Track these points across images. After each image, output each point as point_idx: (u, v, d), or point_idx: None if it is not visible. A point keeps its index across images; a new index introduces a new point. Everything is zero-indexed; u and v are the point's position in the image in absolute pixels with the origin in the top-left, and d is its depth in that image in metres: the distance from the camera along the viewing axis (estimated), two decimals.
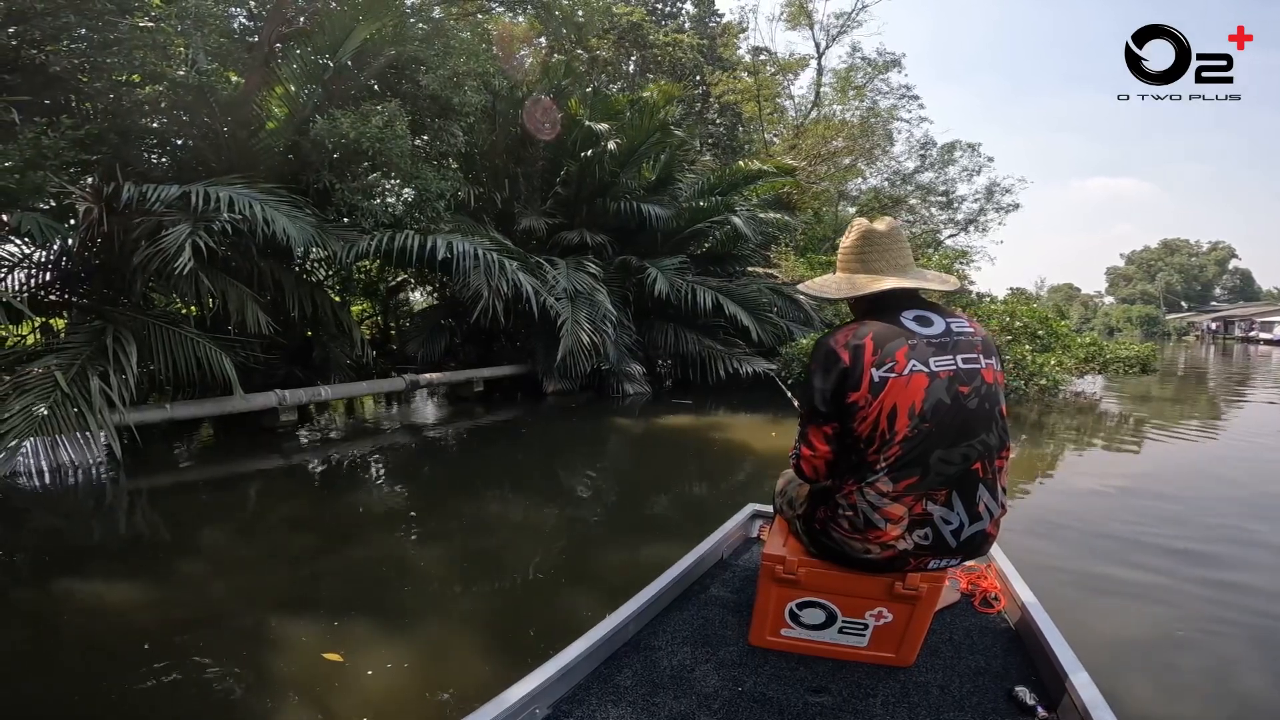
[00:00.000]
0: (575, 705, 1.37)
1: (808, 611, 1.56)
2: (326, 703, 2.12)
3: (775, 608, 1.58)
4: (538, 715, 1.32)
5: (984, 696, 1.44)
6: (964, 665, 1.58)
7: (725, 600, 1.87)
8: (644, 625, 1.69)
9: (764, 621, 1.60)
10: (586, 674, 1.47)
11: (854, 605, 1.53)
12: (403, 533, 3.93)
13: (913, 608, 1.49)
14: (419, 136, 7.85)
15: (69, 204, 5.25)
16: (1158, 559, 3.50)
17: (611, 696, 1.40)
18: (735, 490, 4.95)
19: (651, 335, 9.86)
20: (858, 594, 1.52)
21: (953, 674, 1.54)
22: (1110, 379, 12.02)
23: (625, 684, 1.45)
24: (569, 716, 1.34)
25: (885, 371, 1.40)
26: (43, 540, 3.74)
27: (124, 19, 5.04)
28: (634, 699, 1.40)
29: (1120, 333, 52.27)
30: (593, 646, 1.49)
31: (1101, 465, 5.97)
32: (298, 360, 7.37)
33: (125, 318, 5.31)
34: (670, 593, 1.83)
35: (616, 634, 1.57)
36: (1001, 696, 1.44)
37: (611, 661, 1.53)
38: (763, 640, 1.61)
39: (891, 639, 1.54)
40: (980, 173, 23.05)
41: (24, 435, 4.31)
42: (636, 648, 1.60)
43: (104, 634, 2.59)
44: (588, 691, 1.41)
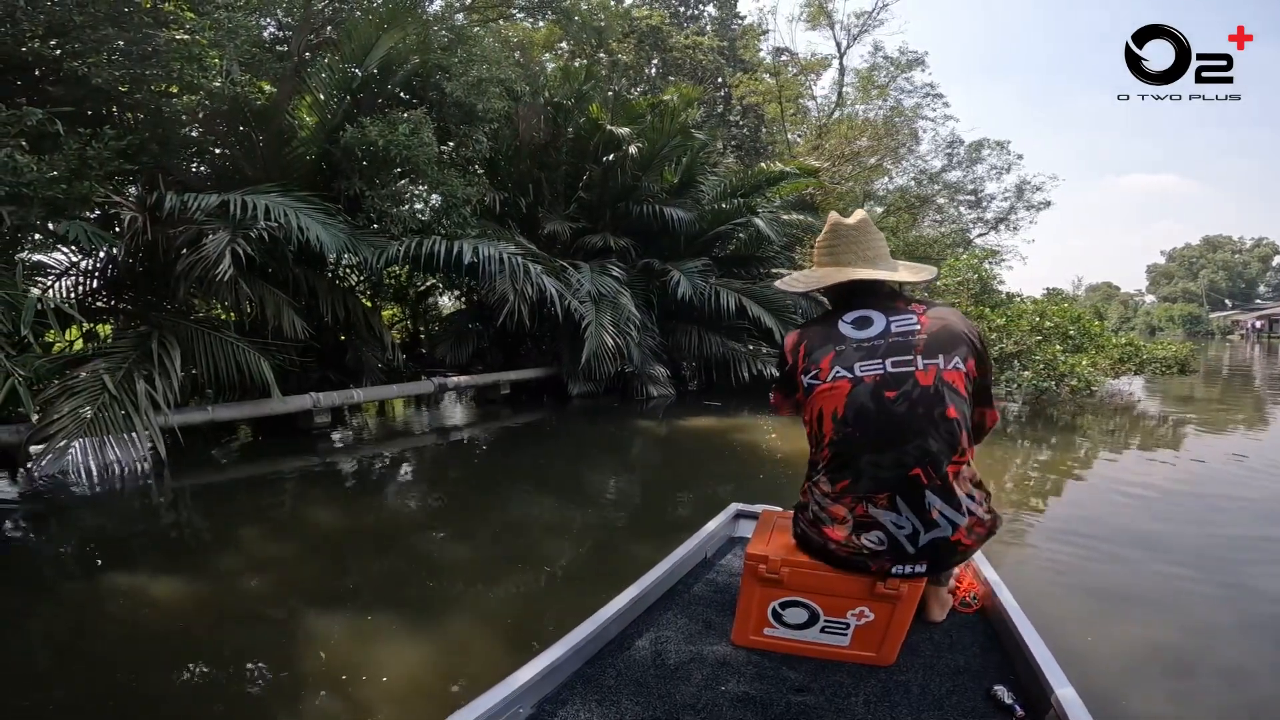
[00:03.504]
0: (559, 705, 1.37)
1: (790, 611, 1.57)
2: (356, 694, 2.18)
3: (758, 607, 1.58)
4: (521, 714, 1.33)
5: (963, 696, 1.45)
6: (943, 665, 1.58)
7: (708, 599, 1.87)
8: (627, 624, 1.70)
9: (747, 621, 1.60)
10: (570, 673, 1.48)
11: (836, 605, 1.54)
12: (433, 531, 4.00)
13: (893, 607, 1.50)
14: (445, 143, 8.00)
15: (114, 213, 5.46)
16: (1184, 567, 3.37)
17: (595, 696, 1.41)
18: (758, 490, 4.93)
19: (675, 338, 9.88)
20: (840, 593, 1.53)
21: (932, 673, 1.54)
22: (1149, 380, 11.69)
23: (609, 683, 1.46)
24: (552, 716, 1.34)
25: (811, 378, 1.48)
26: (91, 536, 3.89)
27: (160, 31, 5.19)
28: (617, 698, 1.40)
29: (1162, 332, 50.72)
30: (576, 646, 1.50)
31: (1134, 469, 5.79)
32: (331, 364, 7.56)
33: (169, 323, 5.51)
34: (654, 592, 1.84)
35: (600, 633, 1.58)
36: (980, 696, 1.45)
37: (595, 661, 1.54)
38: (746, 640, 1.62)
39: (873, 639, 1.55)
40: (1009, 170, 22.56)
41: (73, 436, 4.50)
42: (620, 647, 1.60)
43: (148, 626, 2.69)
44: (571, 691, 1.42)
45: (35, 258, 5.78)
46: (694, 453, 6.50)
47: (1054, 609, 2.84)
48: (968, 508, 1.44)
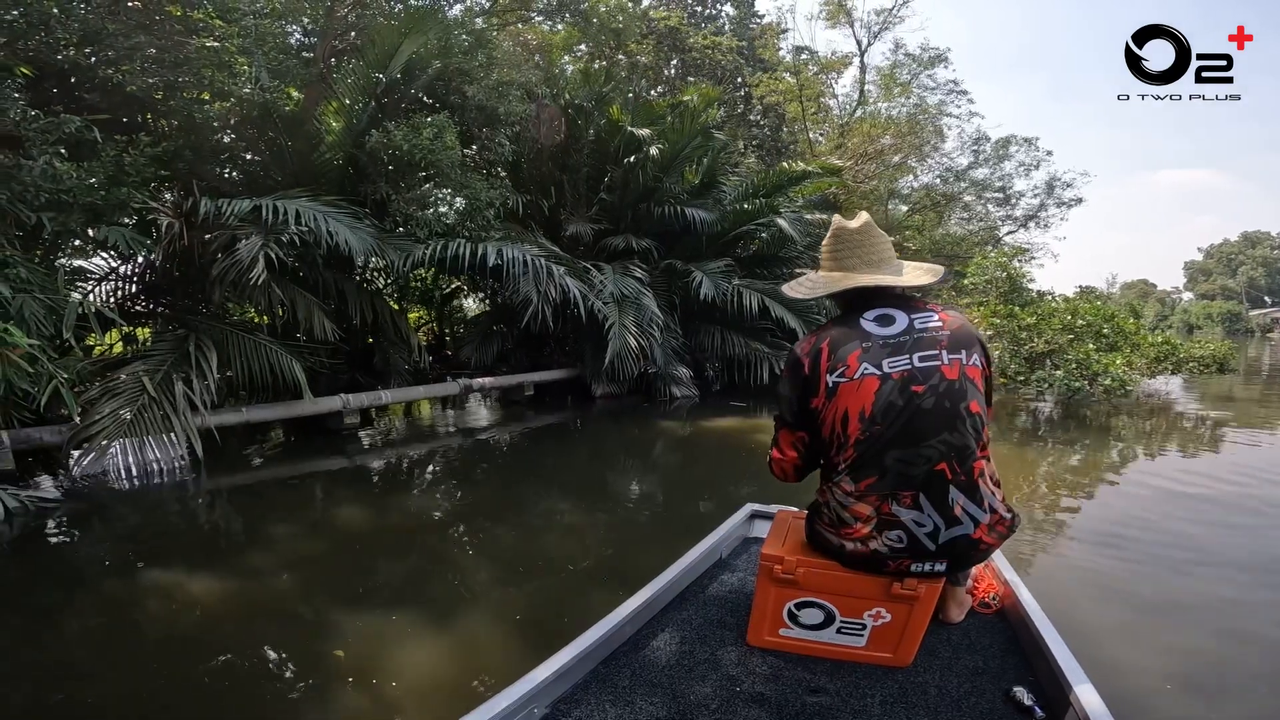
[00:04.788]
0: (573, 705, 1.38)
1: (806, 611, 1.56)
2: (383, 687, 2.21)
3: (773, 607, 1.57)
4: (536, 714, 1.33)
5: (981, 697, 1.43)
6: (961, 666, 1.56)
7: (723, 600, 1.86)
8: (642, 625, 1.70)
9: (762, 621, 1.60)
10: (584, 674, 1.48)
11: (852, 605, 1.53)
12: (458, 530, 4.03)
13: (911, 608, 1.48)
14: (468, 146, 8.08)
15: (151, 219, 5.60)
16: (1226, 573, 3.26)
17: (609, 696, 1.41)
18: (780, 491, 4.90)
19: (698, 338, 9.85)
20: (856, 594, 1.51)
21: (950, 674, 1.52)
22: (1186, 379, 11.36)
23: (623, 684, 1.45)
24: (567, 716, 1.34)
25: (837, 377, 1.45)
26: (131, 534, 3.99)
27: (191, 39, 5.29)
28: (631, 699, 1.40)
29: (1200, 330, 49.28)
30: (591, 646, 1.50)
31: (1171, 471, 5.62)
32: (359, 366, 7.68)
33: (205, 326, 5.64)
34: (668, 593, 1.83)
35: (614, 634, 1.58)
36: (999, 697, 1.43)
37: (609, 661, 1.54)
38: (760, 640, 1.61)
39: (889, 639, 1.53)
40: (1039, 167, 22.13)
41: (113, 436, 4.63)
42: (634, 647, 1.60)
43: (184, 620, 2.75)
44: (586, 691, 1.42)
45: (75, 263, 5.96)
46: (718, 453, 6.47)
47: (1087, 615, 2.78)
48: (990, 504, 1.43)
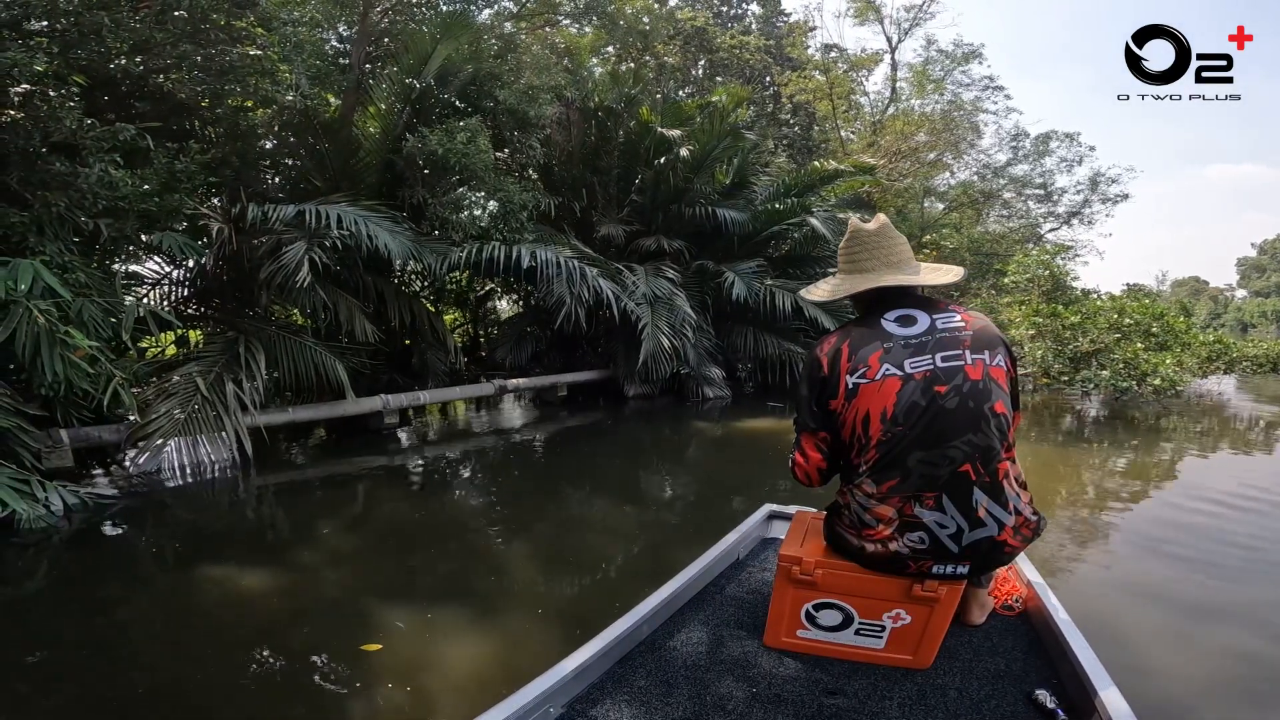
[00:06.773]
0: (590, 705, 1.37)
1: (824, 613, 1.54)
2: (419, 678, 2.28)
3: (791, 609, 1.56)
4: (552, 714, 1.33)
5: (1003, 700, 1.40)
6: (983, 668, 1.53)
7: (741, 601, 1.85)
8: (659, 625, 1.69)
9: (780, 622, 1.58)
10: (601, 674, 1.48)
11: (871, 607, 1.51)
12: (494, 527, 4.09)
13: (931, 610, 1.46)
14: (500, 150, 8.18)
15: (202, 224, 5.79)
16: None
17: (625, 696, 1.41)
18: (809, 491, 4.84)
19: (730, 339, 9.80)
20: (875, 596, 1.49)
21: (971, 677, 1.49)
22: (1240, 379, 10.91)
23: (640, 684, 1.45)
24: (583, 716, 1.34)
25: (858, 378, 1.42)
26: (184, 530, 4.13)
27: (235, 47, 5.44)
28: (648, 699, 1.40)
29: (1255, 329, 47.27)
30: (607, 646, 1.49)
31: (1224, 474, 5.41)
32: (398, 367, 7.83)
33: (253, 328, 5.81)
34: (685, 593, 1.83)
35: (631, 634, 1.58)
36: (1020, 700, 1.40)
37: (626, 661, 1.54)
38: (778, 641, 1.60)
39: (909, 641, 1.51)
40: (1081, 163, 21.41)
41: (169, 435, 4.80)
42: (651, 648, 1.59)
43: (234, 612, 2.85)
44: (602, 691, 1.42)
45: (130, 268, 6.20)
46: (751, 454, 6.43)
47: (1123, 620, 2.72)
48: (1015, 506, 1.40)
